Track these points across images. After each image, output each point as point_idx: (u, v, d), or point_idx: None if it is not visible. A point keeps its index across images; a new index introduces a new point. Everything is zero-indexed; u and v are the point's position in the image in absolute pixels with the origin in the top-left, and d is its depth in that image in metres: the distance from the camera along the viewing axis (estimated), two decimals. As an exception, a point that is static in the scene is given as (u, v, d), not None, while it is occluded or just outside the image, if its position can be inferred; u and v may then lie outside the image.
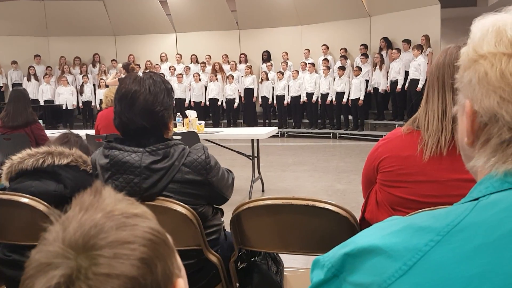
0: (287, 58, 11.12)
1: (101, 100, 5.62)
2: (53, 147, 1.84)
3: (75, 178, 1.80)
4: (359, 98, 9.68)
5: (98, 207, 0.55)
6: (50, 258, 0.49)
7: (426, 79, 1.44)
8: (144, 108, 1.57)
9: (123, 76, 7.12)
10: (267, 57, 11.48)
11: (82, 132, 4.85)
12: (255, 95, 11.12)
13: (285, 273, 1.93)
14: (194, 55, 12.01)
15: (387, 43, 9.98)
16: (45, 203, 1.68)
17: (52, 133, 4.80)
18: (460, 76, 0.62)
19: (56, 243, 0.51)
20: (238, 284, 1.71)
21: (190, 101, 11.36)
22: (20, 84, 11.37)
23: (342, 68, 9.94)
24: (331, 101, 10.10)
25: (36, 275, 0.49)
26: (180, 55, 12.23)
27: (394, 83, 9.34)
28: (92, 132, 4.71)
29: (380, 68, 9.59)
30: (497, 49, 0.56)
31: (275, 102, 10.94)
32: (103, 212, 0.54)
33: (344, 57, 10.27)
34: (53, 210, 0.56)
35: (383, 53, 9.90)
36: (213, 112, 11.41)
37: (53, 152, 1.81)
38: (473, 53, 0.59)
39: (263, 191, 5.31)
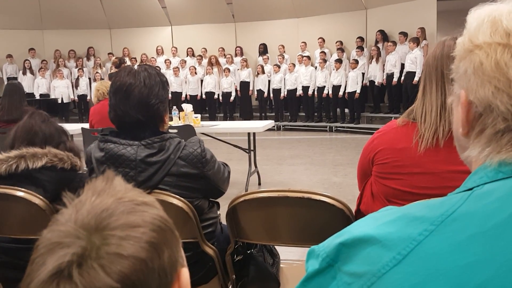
0: (284, 51, 11.10)
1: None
2: (24, 149, 1.73)
3: (53, 180, 1.74)
4: (356, 91, 9.69)
5: (110, 193, 0.57)
6: (62, 238, 0.51)
7: (422, 71, 1.43)
8: (139, 101, 1.56)
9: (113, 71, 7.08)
10: (263, 50, 11.45)
11: (77, 126, 4.84)
12: (251, 88, 11.10)
13: (281, 265, 1.93)
14: (190, 48, 11.96)
15: (383, 36, 9.97)
16: (41, 197, 1.67)
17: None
18: (456, 67, 0.62)
19: (68, 224, 0.53)
20: (234, 276, 1.72)
21: (186, 95, 11.33)
22: (15, 78, 11.30)
23: (339, 61, 9.93)
24: (328, 94, 10.10)
25: (48, 253, 0.51)
26: (176, 48, 12.18)
27: (390, 76, 9.34)
28: (87, 126, 4.68)
29: (377, 61, 9.59)
30: (493, 39, 0.56)
31: (271, 95, 10.93)
32: (115, 197, 0.56)
33: (341, 49, 10.26)
34: (67, 194, 0.58)
35: (379, 45, 9.89)
36: (209, 106, 11.38)
37: (25, 155, 1.72)
38: (468, 43, 0.59)
39: (259, 184, 5.32)
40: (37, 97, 11.37)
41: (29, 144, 1.78)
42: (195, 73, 11.32)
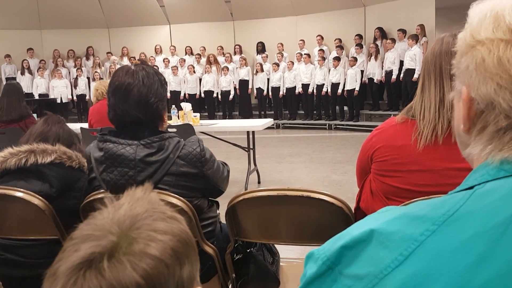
0: (282, 49, 11.08)
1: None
2: (35, 145, 1.77)
3: (60, 176, 1.75)
4: (355, 88, 9.68)
5: (146, 201, 0.62)
6: (97, 230, 0.56)
7: (421, 68, 1.43)
8: (139, 99, 1.56)
9: None
10: (262, 48, 11.43)
11: (76, 126, 4.83)
12: (250, 86, 11.09)
13: (281, 264, 1.93)
14: (189, 46, 11.94)
15: (382, 33, 9.96)
16: (40, 197, 1.67)
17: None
18: (457, 62, 0.61)
19: (105, 220, 0.58)
20: (234, 275, 1.72)
21: (185, 94, 11.32)
22: (14, 78, 11.28)
23: (337, 58, 9.91)
24: (327, 92, 10.09)
25: (82, 242, 0.55)
26: (174, 47, 12.16)
27: (389, 73, 9.33)
28: (86, 125, 4.68)
29: (376, 58, 9.58)
30: (495, 35, 0.55)
31: (270, 93, 10.92)
32: (150, 206, 0.61)
33: (340, 47, 10.24)
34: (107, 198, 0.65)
35: (378, 43, 9.88)
36: (208, 104, 11.37)
37: (35, 150, 1.75)
38: (470, 38, 0.58)
39: (259, 182, 5.31)
40: (36, 97, 11.35)
41: (42, 142, 1.82)
42: (194, 71, 11.30)
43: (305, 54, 10.48)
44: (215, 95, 11.26)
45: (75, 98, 11.87)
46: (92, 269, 0.52)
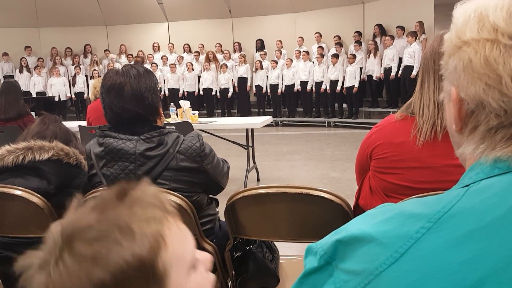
0: (281, 47, 11.07)
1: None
2: (32, 142, 1.76)
3: (58, 172, 1.75)
4: (354, 85, 9.68)
5: (103, 209, 0.55)
6: (48, 239, 0.55)
7: (420, 65, 1.45)
8: (133, 94, 1.58)
9: None
10: (260, 45, 11.42)
11: (74, 124, 4.82)
12: (249, 84, 11.08)
13: (280, 261, 1.93)
14: (187, 44, 11.92)
15: (381, 30, 9.95)
16: (39, 195, 1.67)
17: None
18: (445, 63, 0.61)
19: (58, 227, 0.55)
20: (233, 273, 1.72)
21: (183, 91, 11.31)
22: (12, 76, 11.25)
23: (336, 56, 9.91)
24: (325, 89, 10.08)
25: (37, 249, 0.55)
26: (173, 44, 12.14)
27: (388, 70, 9.33)
28: (85, 123, 4.67)
29: (375, 55, 9.57)
30: (480, 35, 0.55)
31: (269, 91, 10.91)
32: (107, 217, 0.54)
33: (339, 44, 10.24)
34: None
35: (377, 40, 9.87)
36: (207, 102, 11.36)
37: (32, 147, 1.75)
38: (456, 39, 0.58)
39: (258, 180, 5.31)
40: (34, 95, 11.32)
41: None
42: (192, 69, 11.29)
43: (303, 51, 10.47)
44: (214, 92, 11.25)
45: (73, 96, 11.84)
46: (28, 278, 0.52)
